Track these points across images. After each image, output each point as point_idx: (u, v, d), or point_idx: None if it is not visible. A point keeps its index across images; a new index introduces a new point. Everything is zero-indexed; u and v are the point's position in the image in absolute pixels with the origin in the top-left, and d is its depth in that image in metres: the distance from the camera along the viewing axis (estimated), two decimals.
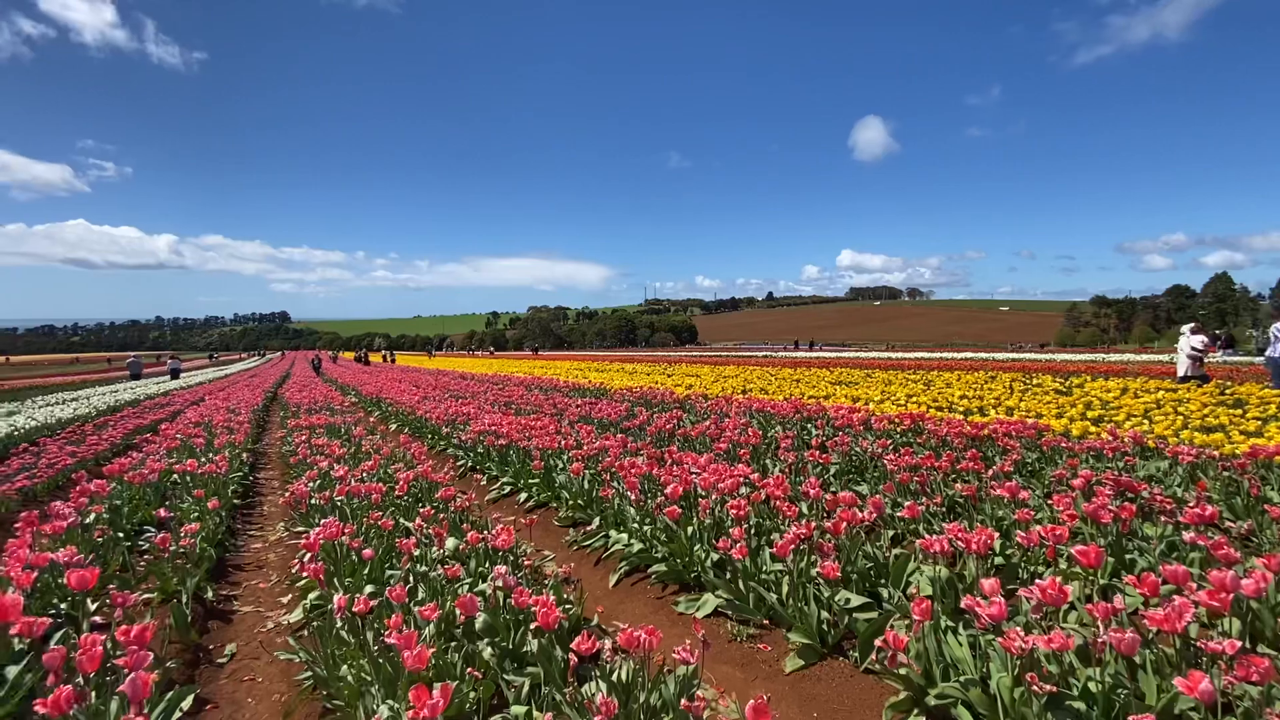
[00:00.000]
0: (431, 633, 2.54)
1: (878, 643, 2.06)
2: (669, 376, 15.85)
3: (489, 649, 2.46)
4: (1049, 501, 3.43)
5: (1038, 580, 2.04)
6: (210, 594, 3.70)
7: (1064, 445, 4.69)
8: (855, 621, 2.67)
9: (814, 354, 34.64)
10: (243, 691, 2.80)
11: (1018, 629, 1.89)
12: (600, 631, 2.95)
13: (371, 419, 11.00)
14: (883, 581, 2.98)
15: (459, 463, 7.19)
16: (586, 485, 4.79)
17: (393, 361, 40.81)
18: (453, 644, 2.47)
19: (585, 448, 5.38)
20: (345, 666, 2.43)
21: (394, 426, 10.64)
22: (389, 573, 3.37)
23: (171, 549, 3.70)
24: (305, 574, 3.41)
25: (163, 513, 4.25)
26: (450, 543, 3.50)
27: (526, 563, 3.28)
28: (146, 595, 3.53)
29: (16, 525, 3.82)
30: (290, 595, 3.80)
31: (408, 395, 13.32)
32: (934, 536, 2.62)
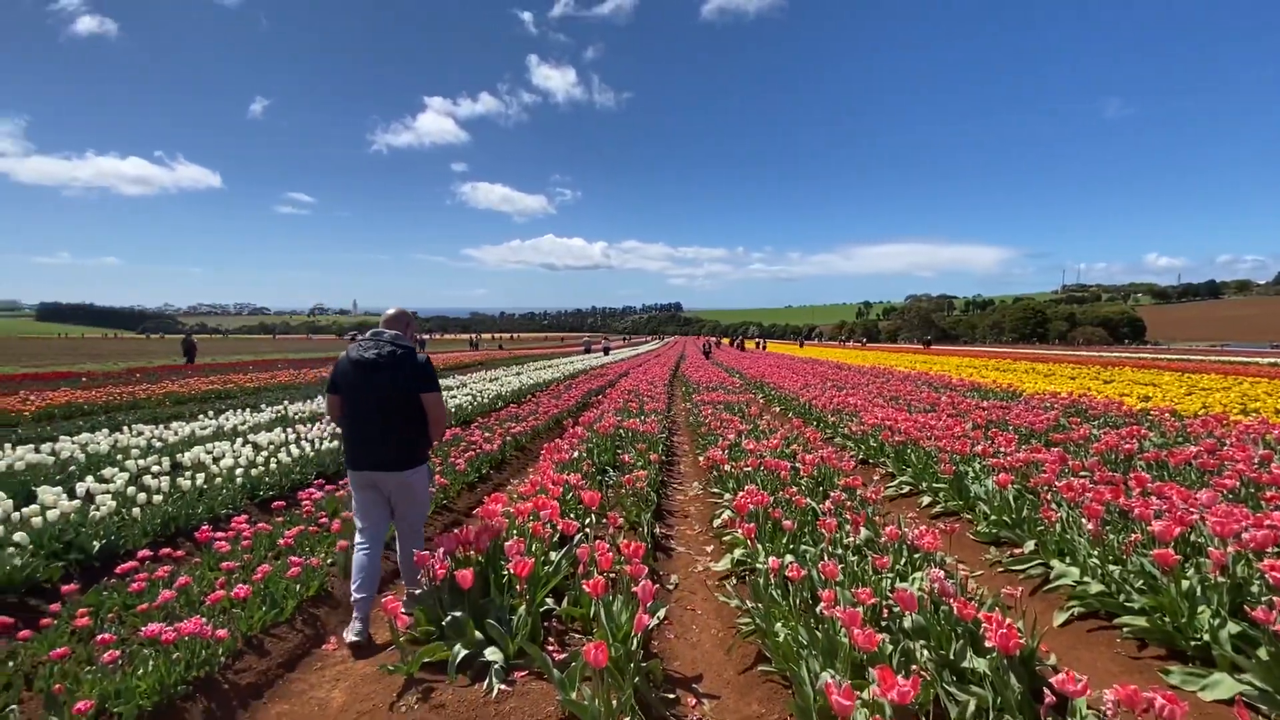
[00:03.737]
0: (860, 617, 2.55)
1: None
2: (1105, 383, 12.59)
3: (924, 652, 2.35)
4: None
5: None
6: (657, 529, 4.54)
7: None
8: None
9: None
10: (688, 618, 3.34)
11: None
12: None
13: (760, 400, 11.83)
14: None
15: (848, 453, 7.12)
16: (1012, 500, 4.16)
17: (764, 349, 43.16)
18: (885, 635, 2.44)
19: (1008, 457, 4.67)
20: (779, 624, 2.65)
21: (778, 409, 11.22)
22: (802, 547, 3.55)
23: (633, 488, 4.65)
24: (731, 530, 3.86)
25: (626, 458, 5.39)
26: (864, 532, 3.48)
27: (963, 575, 3.02)
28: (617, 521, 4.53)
29: (541, 452, 5.39)
30: (712, 545, 4.37)
31: (788, 381, 13.89)
32: None
